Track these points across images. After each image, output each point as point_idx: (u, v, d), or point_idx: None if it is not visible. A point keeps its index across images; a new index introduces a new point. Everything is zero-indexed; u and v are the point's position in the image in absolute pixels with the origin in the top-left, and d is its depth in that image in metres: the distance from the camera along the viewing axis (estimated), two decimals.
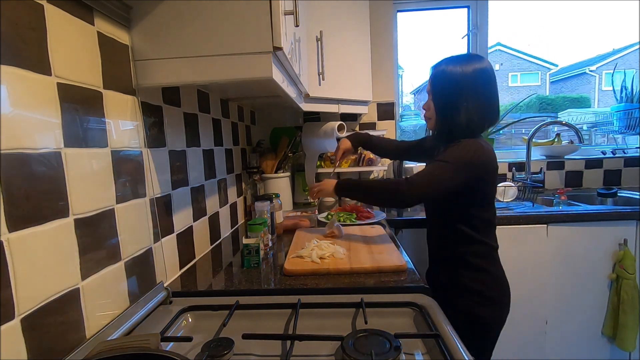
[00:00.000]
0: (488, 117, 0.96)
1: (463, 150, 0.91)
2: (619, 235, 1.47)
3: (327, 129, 1.68)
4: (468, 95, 0.92)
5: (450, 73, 0.93)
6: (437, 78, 0.96)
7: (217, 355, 0.57)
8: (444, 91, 0.95)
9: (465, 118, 0.93)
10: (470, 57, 0.96)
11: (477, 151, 0.91)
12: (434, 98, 0.99)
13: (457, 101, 0.93)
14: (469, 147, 0.91)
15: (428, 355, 0.58)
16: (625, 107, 2.06)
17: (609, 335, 1.50)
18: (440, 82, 0.96)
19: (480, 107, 0.93)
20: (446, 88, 0.94)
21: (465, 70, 0.92)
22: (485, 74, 0.93)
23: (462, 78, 0.92)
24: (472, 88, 0.92)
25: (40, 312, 0.49)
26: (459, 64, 0.93)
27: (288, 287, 0.83)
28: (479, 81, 0.93)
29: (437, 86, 0.97)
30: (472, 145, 0.92)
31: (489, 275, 0.99)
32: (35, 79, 0.51)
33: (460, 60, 0.94)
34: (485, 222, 0.99)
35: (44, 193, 0.51)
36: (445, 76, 0.94)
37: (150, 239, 0.80)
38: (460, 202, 0.97)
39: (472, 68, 0.92)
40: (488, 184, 0.97)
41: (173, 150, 0.93)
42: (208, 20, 0.71)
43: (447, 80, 0.94)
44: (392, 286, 0.80)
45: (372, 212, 1.45)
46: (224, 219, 1.32)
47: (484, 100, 0.94)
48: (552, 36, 39.32)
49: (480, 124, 0.95)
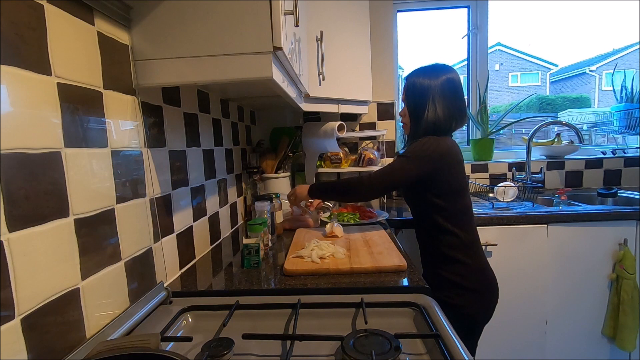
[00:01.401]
0: (454, 118, 1.08)
1: (418, 145, 1.04)
2: (619, 235, 1.47)
3: (327, 129, 1.68)
4: (434, 100, 1.06)
5: (420, 83, 1.08)
6: (409, 88, 1.11)
7: (217, 355, 0.57)
8: (415, 98, 1.09)
9: (433, 120, 1.06)
10: (438, 67, 1.09)
11: (433, 145, 1.02)
12: (407, 105, 1.12)
13: (425, 106, 1.06)
14: (425, 142, 1.04)
15: (428, 355, 0.58)
16: (625, 107, 2.06)
17: (609, 335, 1.50)
18: (412, 91, 1.10)
19: (447, 110, 1.06)
20: (416, 95, 1.08)
21: (432, 79, 1.06)
22: (450, 82, 1.07)
23: (430, 86, 1.06)
24: (438, 94, 1.06)
25: (40, 312, 0.49)
26: (427, 75, 1.07)
27: (288, 287, 0.83)
28: (445, 88, 1.06)
29: (409, 94, 1.10)
30: (428, 140, 1.04)
31: (465, 266, 1.04)
32: (35, 79, 0.51)
33: (428, 71, 1.08)
34: (457, 214, 1.06)
35: (44, 193, 0.51)
36: (415, 86, 1.08)
37: (150, 239, 0.80)
38: (428, 194, 1.06)
39: (439, 77, 1.06)
40: (451, 175, 1.04)
41: (173, 150, 0.93)
42: (208, 20, 0.71)
43: (417, 89, 1.08)
44: (392, 286, 0.80)
45: (374, 211, 1.45)
46: (224, 219, 1.32)
47: (450, 104, 1.06)
48: (552, 36, 39.33)
49: (447, 125, 1.07)
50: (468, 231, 1.06)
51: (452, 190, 1.05)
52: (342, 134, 1.67)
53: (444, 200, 1.05)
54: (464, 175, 1.08)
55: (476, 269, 1.05)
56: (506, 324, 1.01)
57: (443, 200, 1.05)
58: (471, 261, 1.05)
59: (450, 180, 1.05)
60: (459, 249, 1.05)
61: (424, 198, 1.08)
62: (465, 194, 1.08)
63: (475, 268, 1.05)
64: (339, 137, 1.67)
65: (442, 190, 1.05)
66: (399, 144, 2.06)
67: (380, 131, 1.90)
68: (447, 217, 1.05)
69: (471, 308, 1.03)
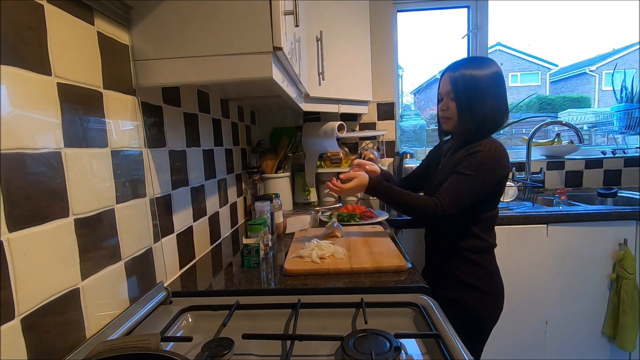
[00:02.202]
0: (505, 113, 1.03)
1: (484, 160, 0.96)
2: (619, 235, 1.47)
3: (327, 129, 1.68)
4: (488, 96, 0.98)
5: (472, 76, 0.99)
6: (459, 80, 1.01)
7: (217, 355, 0.57)
8: (468, 91, 1.00)
9: (487, 117, 0.99)
10: (486, 60, 1.02)
11: (498, 158, 0.96)
12: (456, 99, 1.02)
13: (479, 101, 0.98)
14: (490, 155, 0.96)
15: (428, 355, 0.58)
16: (625, 107, 2.06)
17: (609, 335, 1.50)
18: (463, 84, 1.00)
19: (497, 106, 1.00)
20: (470, 88, 0.99)
21: (485, 73, 0.99)
22: (499, 76, 1.00)
23: (483, 80, 0.98)
24: (491, 89, 0.99)
25: (40, 312, 0.49)
26: (479, 67, 0.99)
27: (288, 287, 0.83)
28: (496, 83, 0.99)
29: (461, 88, 1.00)
30: (492, 153, 0.96)
31: (485, 270, 1.03)
32: (35, 79, 0.51)
33: (478, 63, 1.00)
34: (489, 220, 1.04)
35: (44, 193, 0.51)
36: (467, 79, 0.99)
37: (150, 239, 0.80)
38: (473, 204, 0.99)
39: (490, 71, 0.99)
40: (503, 185, 1.02)
41: (173, 150, 0.93)
42: (208, 20, 0.71)
43: (470, 82, 0.99)
44: (392, 286, 0.80)
45: (374, 212, 1.45)
46: (224, 219, 1.32)
47: (501, 100, 1.01)
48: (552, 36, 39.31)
49: (499, 122, 1.02)
50: (491, 236, 1.05)
51: (492, 199, 1.02)
52: (342, 134, 1.67)
53: (484, 208, 1.02)
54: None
55: (492, 272, 1.05)
56: (506, 324, 1.01)
57: (483, 208, 1.01)
58: (489, 265, 1.04)
59: (500, 191, 1.02)
60: (481, 252, 1.03)
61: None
62: (498, 200, 1.05)
63: (492, 272, 1.04)
64: (339, 137, 1.67)
65: (486, 199, 1.00)
66: (398, 144, 2.06)
67: (380, 131, 1.90)
68: (478, 221, 1.02)
69: (485, 311, 1.02)
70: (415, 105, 9.52)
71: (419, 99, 8.86)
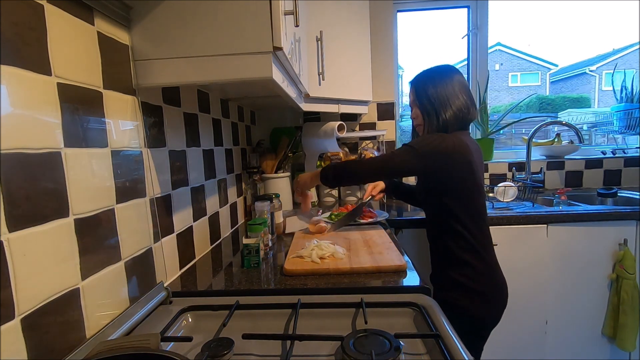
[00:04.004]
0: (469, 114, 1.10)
1: (425, 139, 1.05)
2: (619, 235, 1.47)
3: (327, 129, 1.68)
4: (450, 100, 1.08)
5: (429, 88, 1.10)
6: (419, 93, 1.13)
7: (217, 355, 0.57)
8: (427, 103, 1.10)
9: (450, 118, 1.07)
10: (443, 69, 1.12)
11: (437, 141, 1.03)
12: (420, 107, 1.13)
13: (438, 109, 1.08)
14: (432, 137, 1.05)
15: (428, 356, 0.58)
16: (625, 107, 2.06)
17: (609, 335, 1.50)
18: (422, 96, 1.12)
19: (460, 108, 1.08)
20: (430, 97, 1.10)
21: (444, 80, 1.09)
22: (459, 81, 1.10)
23: (442, 87, 1.09)
24: (451, 93, 1.08)
25: (40, 312, 0.49)
26: (438, 76, 1.10)
27: (288, 287, 0.83)
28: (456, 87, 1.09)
29: (421, 100, 1.12)
30: (436, 136, 1.05)
31: (473, 268, 1.03)
32: (35, 79, 0.51)
33: (435, 74, 1.12)
34: (469, 215, 1.04)
35: (44, 193, 0.51)
36: (426, 91, 1.11)
37: (150, 239, 0.80)
38: (439, 195, 1.05)
39: (449, 77, 1.09)
40: (462, 175, 1.03)
41: (173, 150, 0.93)
42: (208, 20, 0.71)
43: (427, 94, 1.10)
44: (392, 286, 0.80)
45: (374, 211, 1.45)
46: (224, 219, 1.32)
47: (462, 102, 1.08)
48: (552, 36, 39.33)
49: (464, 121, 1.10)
50: (480, 233, 1.04)
51: (463, 191, 1.03)
52: (342, 134, 1.67)
53: (455, 201, 1.03)
54: (477, 175, 1.04)
55: (485, 271, 1.04)
56: (506, 324, 1.01)
57: (454, 201, 1.03)
58: (480, 263, 1.03)
59: (459, 181, 1.03)
60: (469, 251, 1.03)
61: (436, 199, 1.06)
62: (477, 196, 1.05)
63: (484, 270, 1.04)
64: (339, 137, 1.67)
65: (452, 190, 1.03)
66: (399, 144, 2.06)
67: (380, 131, 1.90)
68: (458, 219, 1.03)
69: (477, 310, 1.01)
70: None
71: None
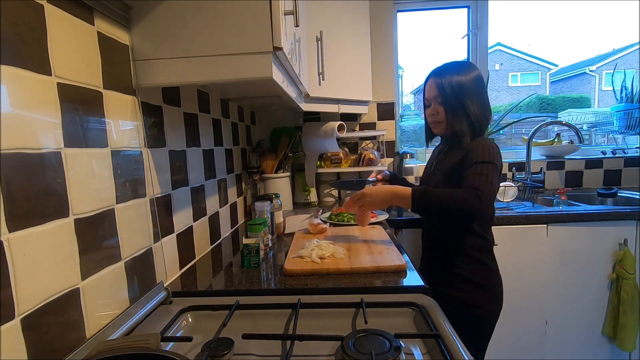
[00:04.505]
0: (490, 115, 1.08)
1: (489, 150, 0.98)
2: (619, 235, 1.47)
3: (327, 129, 1.68)
4: (474, 98, 1.03)
5: (458, 80, 1.03)
6: (444, 86, 1.04)
7: (217, 355, 0.57)
8: (456, 97, 1.03)
9: (475, 117, 1.03)
10: (467, 64, 1.08)
11: (497, 150, 1.00)
12: (444, 103, 1.06)
13: (467, 104, 1.03)
14: (491, 147, 0.99)
15: (428, 356, 0.58)
16: (625, 107, 2.06)
17: (609, 335, 1.50)
18: (450, 89, 1.04)
19: (483, 107, 1.05)
20: (457, 94, 1.03)
21: (469, 77, 1.04)
22: (481, 79, 1.06)
23: (468, 84, 1.03)
24: (477, 92, 1.04)
25: (40, 312, 0.49)
26: (463, 72, 1.04)
27: (288, 287, 0.83)
28: (480, 85, 1.05)
29: (447, 93, 1.04)
30: (491, 145, 1.00)
31: (487, 268, 1.05)
32: (35, 79, 0.51)
33: (462, 68, 1.05)
34: (488, 217, 1.06)
35: (44, 193, 0.51)
36: (454, 84, 1.03)
37: (150, 239, 0.80)
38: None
39: (473, 75, 1.04)
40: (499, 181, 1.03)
41: (173, 150, 0.93)
42: (208, 20, 0.71)
43: (457, 87, 1.03)
44: (392, 286, 0.80)
45: (374, 212, 1.45)
46: (224, 219, 1.32)
47: (485, 101, 1.07)
48: (552, 36, 39.32)
49: (487, 122, 1.07)
50: (491, 234, 1.08)
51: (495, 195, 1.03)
52: (342, 134, 1.67)
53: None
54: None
55: (494, 271, 1.07)
56: (506, 324, 1.02)
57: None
58: (491, 263, 1.07)
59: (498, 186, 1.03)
60: (484, 251, 1.05)
61: None
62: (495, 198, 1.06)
63: (494, 270, 1.07)
64: (339, 137, 1.67)
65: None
66: (399, 144, 2.06)
67: (380, 131, 1.90)
68: (480, 219, 1.04)
69: (486, 308, 1.04)
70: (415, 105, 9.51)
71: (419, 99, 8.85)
